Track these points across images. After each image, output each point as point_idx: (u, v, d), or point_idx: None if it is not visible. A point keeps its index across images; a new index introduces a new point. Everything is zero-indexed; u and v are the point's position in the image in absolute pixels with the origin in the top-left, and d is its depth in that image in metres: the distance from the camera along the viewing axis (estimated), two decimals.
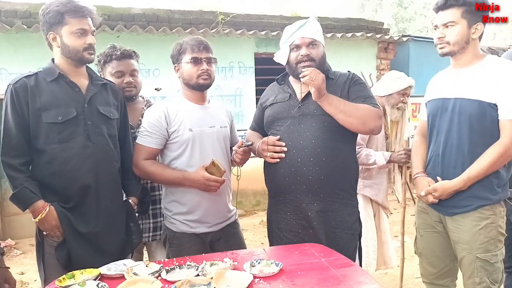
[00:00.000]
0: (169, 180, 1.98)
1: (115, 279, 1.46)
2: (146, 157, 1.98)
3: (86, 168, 1.78)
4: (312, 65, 1.91)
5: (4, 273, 1.68)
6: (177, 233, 1.99)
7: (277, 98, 2.05)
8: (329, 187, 1.90)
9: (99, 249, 1.81)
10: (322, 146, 1.89)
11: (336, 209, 1.92)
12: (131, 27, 5.10)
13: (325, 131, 1.90)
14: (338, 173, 1.91)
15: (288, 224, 1.97)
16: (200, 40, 2.02)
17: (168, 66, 2.17)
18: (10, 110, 1.74)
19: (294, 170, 1.91)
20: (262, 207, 5.94)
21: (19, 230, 4.86)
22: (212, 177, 1.89)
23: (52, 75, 1.80)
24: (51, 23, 1.77)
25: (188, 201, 1.97)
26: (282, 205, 1.99)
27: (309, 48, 1.94)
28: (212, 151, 1.99)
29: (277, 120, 2.01)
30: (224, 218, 2.06)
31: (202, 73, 1.98)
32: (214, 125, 2.04)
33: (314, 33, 1.95)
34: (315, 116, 1.92)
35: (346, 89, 1.97)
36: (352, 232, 1.96)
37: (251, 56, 5.95)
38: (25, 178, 1.74)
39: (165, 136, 1.97)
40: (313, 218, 1.91)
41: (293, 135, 1.93)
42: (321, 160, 1.88)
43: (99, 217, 1.82)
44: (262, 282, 1.40)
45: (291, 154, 1.92)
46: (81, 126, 1.79)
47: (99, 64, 2.23)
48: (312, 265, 1.55)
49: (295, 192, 1.93)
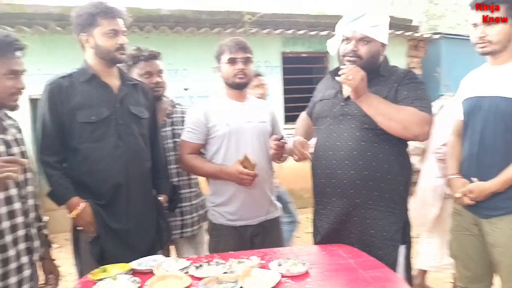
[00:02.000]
0: (209, 173, 2.07)
1: (145, 274, 1.50)
2: (189, 151, 2.08)
3: (118, 167, 1.83)
4: (357, 62, 1.80)
5: (50, 264, 1.74)
6: (216, 224, 2.07)
7: (325, 95, 1.98)
8: (366, 193, 1.79)
9: (130, 245, 1.85)
10: (359, 149, 1.78)
11: (376, 217, 1.79)
12: (160, 28, 5.19)
13: (364, 133, 1.78)
14: (378, 178, 1.77)
15: (322, 226, 1.94)
16: (237, 41, 2.07)
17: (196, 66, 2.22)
18: (46, 110, 1.80)
19: (329, 172, 1.86)
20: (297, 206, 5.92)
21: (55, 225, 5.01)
22: (244, 170, 1.92)
23: (85, 75, 1.86)
24: (83, 25, 1.82)
25: (225, 193, 2.04)
26: (319, 206, 1.97)
27: (358, 44, 1.81)
28: (250, 145, 2.03)
29: (320, 118, 1.96)
30: (264, 213, 2.08)
31: (238, 73, 2.04)
32: (252, 120, 2.07)
33: (368, 28, 1.80)
34: (356, 116, 1.80)
35: (395, 89, 1.80)
36: (393, 243, 1.79)
37: (278, 56, 5.94)
38: (60, 175, 1.81)
39: (205, 132, 2.06)
40: (348, 223, 1.85)
41: (332, 135, 1.87)
42: (356, 164, 1.79)
43: (130, 215, 1.87)
44: (289, 282, 1.40)
45: (327, 156, 1.87)
46: (113, 126, 1.84)
47: (125, 66, 2.29)
48: (340, 266, 1.54)
49: (331, 194, 1.87)
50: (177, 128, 2.29)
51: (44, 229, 1.74)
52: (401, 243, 1.82)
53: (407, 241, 1.85)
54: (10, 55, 1.47)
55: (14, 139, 1.56)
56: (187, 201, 2.30)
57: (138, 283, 1.39)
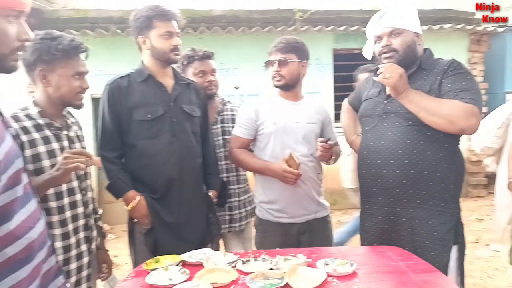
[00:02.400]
0: (255, 168, 2.10)
1: (195, 266, 1.55)
2: (239, 146, 2.13)
3: (171, 162, 1.91)
4: (394, 56, 1.77)
5: (103, 254, 1.85)
6: (263, 220, 2.11)
7: (369, 94, 1.96)
8: (414, 192, 1.74)
9: (182, 238, 1.93)
10: (404, 147, 1.74)
11: (426, 217, 1.73)
12: (213, 28, 5.31)
13: (409, 130, 1.74)
14: (425, 177, 1.72)
15: (370, 226, 1.91)
16: (279, 41, 2.07)
17: (246, 65, 2.25)
18: (106, 108, 1.92)
19: (375, 172, 1.83)
20: (339, 207, 5.82)
21: (113, 216, 5.34)
22: (288, 169, 1.93)
23: (142, 76, 1.95)
24: (141, 27, 1.92)
25: (271, 190, 2.07)
26: (366, 206, 1.94)
27: (390, 38, 1.78)
28: (295, 145, 2.03)
29: (364, 118, 1.94)
30: (310, 211, 2.08)
31: (274, 75, 2.05)
32: (300, 120, 2.07)
33: (396, 20, 1.77)
34: (399, 114, 1.77)
35: (438, 81, 1.73)
36: (444, 244, 1.72)
37: (329, 53, 5.86)
38: (118, 170, 1.92)
39: (254, 128, 2.10)
40: (396, 224, 1.81)
41: (376, 134, 1.84)
42: (402, 163, 1.74)
43: (182, 208, 1.94)
44: (336, 281, 1.38)
45: (372, 155, 1.84)
46: (167, 123, 1.92)
47: (180, 66, 2.36)
48: (389, 268, 1.49)
49: (377, 194, 1.84)
50: (227, 126, 2.35)
51: (99, 221, 1.85)
52: (454, 243, 1.74)
53: (460, 242, 1.77)
54: (76, 58, 1.59)
55: (76, 135, 1.70)
56: (236, 197, 2.35)
57: (187, 275, 1.44)
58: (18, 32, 1.01)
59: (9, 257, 0.95)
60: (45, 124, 1.55)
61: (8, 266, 0.95)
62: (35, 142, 1.50)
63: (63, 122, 1.65)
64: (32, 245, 1.02)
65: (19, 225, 0.99)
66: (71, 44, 1.56)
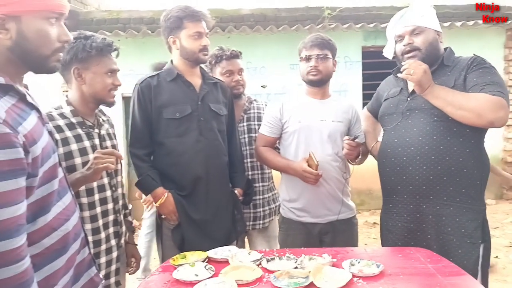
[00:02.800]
0: (278, 166, 2.12)
1: (220, 263, 1.57)
2: (264, 144, 2.16)
3: (198, 160, 1.94)
4: (417, 54, 1.78)
5: (132, 249, 1.91)
6: (285, 218, 2.13)
7: (390, 93, 1.96)
8: (440, 189, 1.73)
9: (208, 235, 1.96)
10: (430, 144, 1.73)
11: (453, 214, 1.72)
12: (241, 27, 5.34)
13: (435, 126, 1.73)
14: (453, 173, 1.71)
15: (394, 226, 1.88)
16: (315, 37, 2.07)
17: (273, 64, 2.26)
18: (136, 106, 1.97)
19: (400, 169, 1.81)
20: (366, 207, 5.74)
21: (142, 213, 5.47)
22: (308, 169, 1.93)
23: (171, 75, 1.99)
24: (171, 28, 1.95)
25: (294, 189, 2.07)
26: (389, 204, 1.92)
27: (412, 36, 1.79)
28: (320, 143, 2.03)
29: (386, 116, 1.93)
30: (333, 212, 2.06)
31: (311, 70, 2.04)
32: (325, 119, 2.06)
33: (417, 19, 1.79)
34: (424, 110, 1.76)
35: (463, 77, 1.73)
36: (473, 241, 1.70)
37: (358, 50, 5.77)
38: (148, 167, 1.96)
39: (279, 126, 2.12)
40: (422, 222, 1.78)
41: (400, 131, 1.83)
42: (429, 159, 1.73)
43: (209, 206, 1.97)
44: (361, 282, 1.37)
45: (396, 152, 1.82)
46: (195, 122, 1.95)
47: (209, 65, 2.39)
48: (416, 270, 1.47)
49: (402, 192, 1.82)
50: (252, 124, 2.37)
51: (129, 216, 1.91)
52: (481, 241, 1.72)
53: (486, 240, 1.74)
54: (109, 56, 1.65)
55: (107, 133, 1.75)
56: (259, 195, 2.37)
57: (212, 271, 1.47)
58: (58, 33, 1.07)
59: (47, 248, 1.01)
60: (77, 123, 1.61)
61: (45, 256, 1.01)
62: (67, 140, 1.56)
63: (95, 120, 1.71)
64: (67, 237, 1.08)
65: (55, 217, 1.05)
66: (104, 42, 1.62)
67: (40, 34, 1.02)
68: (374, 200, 5.57)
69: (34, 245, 0.98)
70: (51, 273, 1.02)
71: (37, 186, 0.99)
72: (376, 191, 5.27)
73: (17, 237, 0.89)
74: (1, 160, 0.88)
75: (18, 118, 0.95)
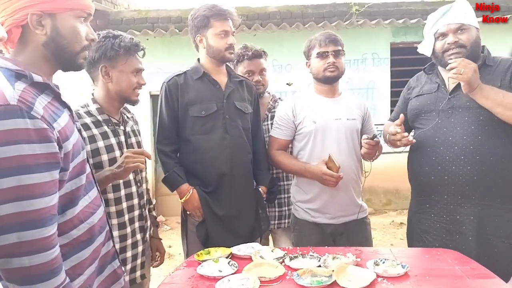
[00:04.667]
0: (294, 170, 2.09)
1: (244, 260, 1.59)
2: (277, 147, 2.12)
3: (223, 157, 1.96)
4: (462, 52, 1.74)
5: (157, 243, 1.95)
6: (299, 219, 2.09)
7: (423, 89, 1.91)
8: (484, 189, 1.71)
9: (232, 231, 1.98)
10: (475, 143, 1.70)
11: (493, 214, 1.71)
12: (267, 25, 5.33)
13: (480, 126, 1.71)
14: (496, 173, 1.69)
15: (432, 226, 1.84)
16: (327, 34, 2.04)
17: (300, 61, 2.24)
18: (164, 104, 2.01)
19: (441, 169, 1.77)
20: (393, 207, 5.63)
21: (168, 208, 5.58)
22: (328, 171, 1.90)
23: (198, 73, 2.02)
24: (198, 26, 1.98)
25: (310, 190, 2.04)
26: (426, 205, 1.87)
27: (457, 34, 1.76)
28: (336, 143, 2.00)
29: (423, 113, 1.88)
30: (348, 213, 2.04)
31: (329, 66, 2.01)
32: (340, 117, 2.03)
33: (461, 16, 1.76)
34: (468, 109, 1.73)
35: (508, 77, 1.72)
36: (510, 242, 1.70)
37: (386, 47, 5.66)
38: (174, 163, 2.00)
39: (292, 128, 2.08)
40: (462, 223, 1.75)
41: (441, 130, 1.79)
42: (474, 159, 1.70)
43: (233, 202, 1.99)
44: (386, 282, 1.35)
45: (438, 151, 1.78)
46: (220, 119, 1.98)
47: (232, 63, 2.40)
48: (443, 272, 1.43)
49: (442, 192, 1.78)
50: None
51: (154, 211, 1.95)
52: None
53: None
54: (135, 55, 1.69)
55: (132, 130, 1.79)
56: (284, 193, 2.36)
57: (236, 267, 1.48)
58: (86, 32, 1.14)
59: (74, 239, 1.07)
60: (103, 120, 1.66)
61: (72, 247, 1.07)
62: (94, 137, 1.61)
63: (120, 117, 1.75)
64: (93, 229, 1.13)
65: (82, 210, 1.10)
66: (132, 42, 1.66)
67: (72, 31, 1.09)
68: (401, 200, 5.45)
69: (62, 236, 1.03)
70: (78, 263, 1.07)
71: (67, 180, 1.04)
72: (403, 191, 5.16)
73: (50, 226, 0.95)
74: (38, 153, 0.93)
75: (53, 115, 1.02)
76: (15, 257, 0.90)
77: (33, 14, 1.03)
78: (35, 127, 0.94)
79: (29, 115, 0.93)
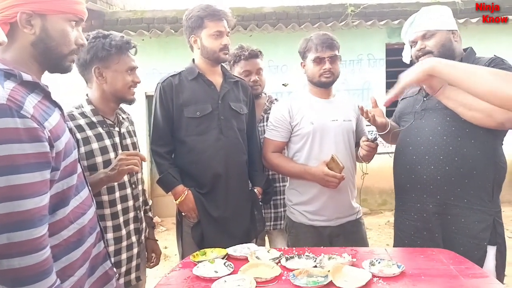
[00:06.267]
0: (292, 172, 2.06)
1: (240, 260, 1.58)
2: (273, 150, 2.09)
3: (218, 158, 1.96)
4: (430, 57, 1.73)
5: (153, 244, 1.94)
6: (296, 223, 2.07)
7: (408, 93, 1.94)
8: (448, 189, 1.73)
9: (227, 232, 1.97)
10: (440, 144, 1.73)
11: (459, 214, 1.73)
12: (263, 26, 5.34)
13: (446, 127, 1.73)
14: (461, 174, 1.71)
15: (403, 224, 1.89)
16: (325, 38, 2.01)
17: (296, 62, 2.23)
18: (158, 105, 2.00)
19: (409, 168, 1.81)
20: (389, 207, 5.64)
21: (164, 209, 5.56)
22: (331, 172, 1.89)
23: (192, 74, 2.01)
24: (192, 27, 1.97)
25: (307, 192, 2.03)
26: (399, 203, 1.93)
27: (424, 41, 1.79)
28: (334, 144, 2.00)
29: (404, 115, 1.93)
30: (345, 214, 2.05)
31: (324, 72, 2.00)
32: (337, 118, 2.03)
33: (426, 22, 1.78)
34: (437, 110, 1.77)
35: None
36: (477, 242, 1.70)
37: (382, 47, 5.67)
38: (169, 164, 1.99)
39: (289, 130, 2.06)
40: (429, 220, 1.78)
41: (413, 131, 1.83)
42: (437, 159, 1.73)
43: (228, 204, 1.99)
44: (381, 282, 1.35)
45: (407, 151, 1.83)
46: (215, 120, 1.97)
47: (228, 64, 2.39)
48: (438, 272, 1.44)
49: (410, 191, 1.83)
50: None
51: (149, 212, 1.94)
52: (490, 243, 1.70)
53: (499, 243, 1.71)
54: (128, 54, 1.67)
55: (127, 131, 1.78)
56: (280, 194, 2.35)
57: (231, 268, 1.48)
58: (76, 36, 1.14)
59: (64, 239, 1.06)
60: (98, 122, 1.64)
61: (63, 248, 1.06)
62: (89, 139, 1.59)
63: (115, 118, 1.74)
64: (83, 230, 1.12)
65: (72, 210, 1.10)
66: (122, 40, 1.65)
67: (62, 34, 1.10)
68: None
69: (53, 237, 1.02)
70: (68, 264, 1.06)
71: (58, 179, 1.03)
72: None
73: (40, 226, 0.94)
74: (29, 153, 0.93)
75: (44, 114, 1.01)
76: (5, 259, 0.89)
77: (23, 13, 1.03)
78: (25, 126, 0.93)
79: (19, 114, 0.92)
